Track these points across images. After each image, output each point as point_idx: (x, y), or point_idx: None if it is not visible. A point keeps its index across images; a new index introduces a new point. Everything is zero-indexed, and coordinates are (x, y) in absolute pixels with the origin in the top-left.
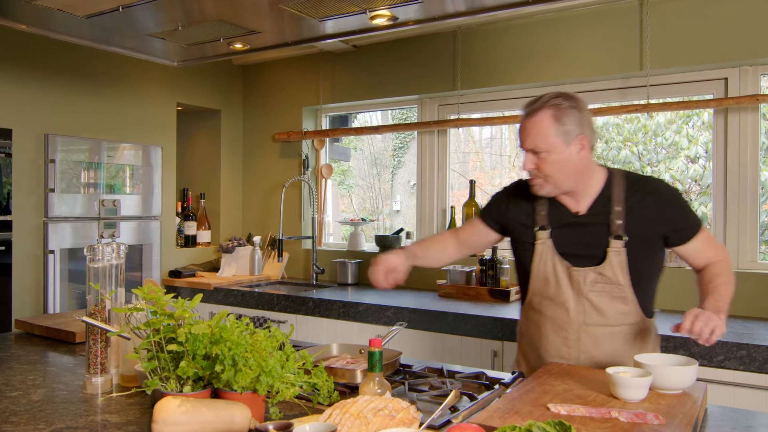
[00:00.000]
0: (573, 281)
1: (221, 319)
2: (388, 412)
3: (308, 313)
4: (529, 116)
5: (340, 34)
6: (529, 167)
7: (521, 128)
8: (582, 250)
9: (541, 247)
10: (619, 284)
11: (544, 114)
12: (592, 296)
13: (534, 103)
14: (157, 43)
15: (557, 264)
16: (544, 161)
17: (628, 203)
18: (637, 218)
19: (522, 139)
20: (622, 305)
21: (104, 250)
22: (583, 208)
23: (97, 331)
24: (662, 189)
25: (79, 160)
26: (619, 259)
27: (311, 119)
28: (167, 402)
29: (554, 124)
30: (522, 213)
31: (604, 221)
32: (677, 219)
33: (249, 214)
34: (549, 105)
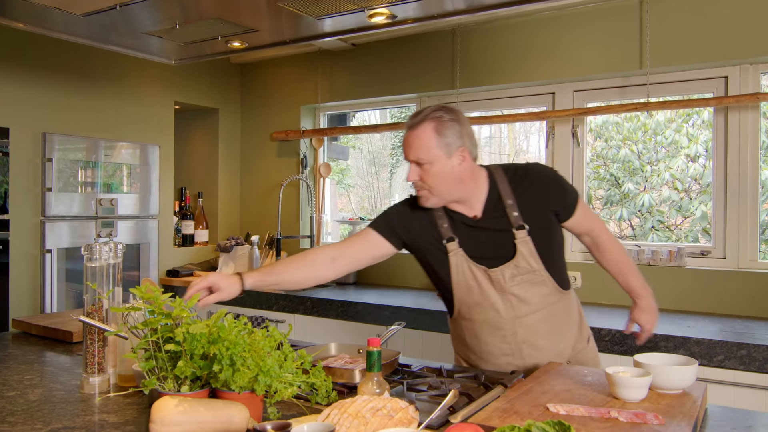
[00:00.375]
0: (494, 282)
1: (219, 318)
2: (387, 412)
3: (306, 312)
4: (412, 129)
5: (338, 33)
6: (412, 178)
7: (405, 141)
8: (491, 250)
9: (455, 257)
10: (534, 271)
11: (426, 127)
12: (515, 290)
13: (416, 116)
14: (155, 42)
15: (474, 270)
16: (427, 173)
17: (516, 194)
18: (530, 204)
19: (406, 152)
20: (543, 288)
21: (101, 250)
22: (478, 212)
23: (95, 330)
24: (542, 171)
25: (76, 159)
26: (527, 248)
27: (309, 118)
28: (165, 402)
29: (436, 136)
30: (426, 227)
31: (502, 218)
32: (562, 195)
33: (247, 213)
34: (430, 118)
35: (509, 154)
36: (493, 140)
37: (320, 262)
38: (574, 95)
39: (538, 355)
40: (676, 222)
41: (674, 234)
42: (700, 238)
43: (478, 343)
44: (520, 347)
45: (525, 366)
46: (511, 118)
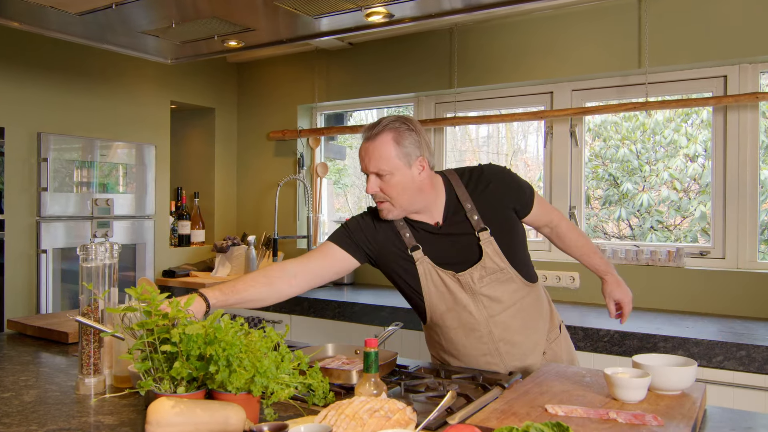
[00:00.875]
0: (464, 285)
1: (215, 319)
2: (384, 414)
3: (303, 313)
4: (370, 140)
5: (335, 32)
6: (373, 190)
7: (363, 152)
8: (457, 255)
9: (422, 266)
10: (501, 270)
11: (385, 137)
12: (485, 290)
13: (374, 127)
14: (151, 41)
15: (443, 275)
16: (387, 183)
17: (474, 197)
18: (488, 206)
19: (364, 163)
20: (511, 284)
21: (97, 250)
22: (439, 219)
23: (91, 331)
24: (496, 171)
25: (71, 159)
26: (492, 248)
27: (306, 117)
28: (161, 403)
29: (395, 146)
30: (390, 238)
31: (463, 222)
32: (518, 193)
33: (243, 213)
34: (389, 128)
35: (507, 153)
36: (491, 140)
37: (282, 279)
38: (573, 95)
39: (515, 350)
40: (675, 222)
41: (673, 234)
42: (699, 238)
43: (456, 347)
44: (497, 345)
45: (504, 364)
46: (509, 118)
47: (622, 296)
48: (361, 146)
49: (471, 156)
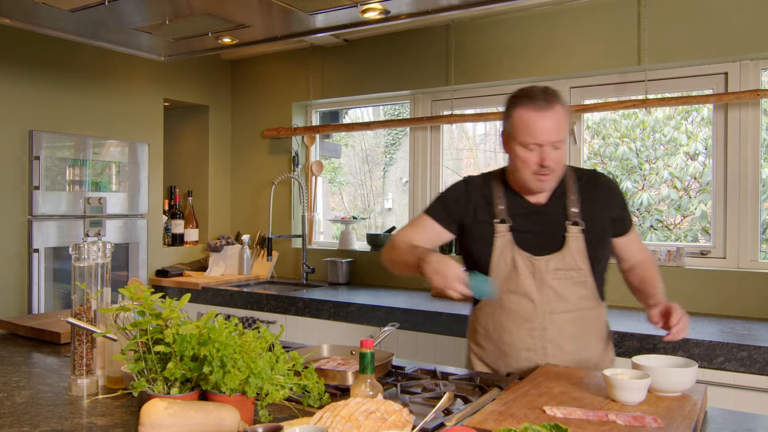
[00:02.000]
0: (535, 271)
1: (209, 319)
2: (380, 415)
3: (298, 313)
4: (546, 109)
5: (330, 28)
6: (548, 162)
7: (538, 121)
8: (540, 239)
9: (501, 240)
10: (579, 269)
11: (559, 105)
12: (554, 284)
13: (544, 94)
14: (144, 38)
15: (517, 256)
16: (558, 153)
17: (581, 192)
18: (591, 205)
19: (544, 134)
20: (582, 290)
21: (90, 249)
22: (543, 199)
23: (83, 331)
24: (608, 179)
25: (64, 157)
26: (577, 244)
27: (301, 115)
28: (154, 404)
29: (565, 115)
30: (480, 207)
31: (561, 210)
32: (622, 208)
33: (238, 212)
34: (557, 96)
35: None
36: (488, 138)
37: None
38: (571, 92)
39: (561, 357)
40: (675, 221)
41: (673, 233)
42: (700, 237)
43: (501, 333)
44: (545, 345)
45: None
46: None
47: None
48: (533, 114)
49: (468, 154)
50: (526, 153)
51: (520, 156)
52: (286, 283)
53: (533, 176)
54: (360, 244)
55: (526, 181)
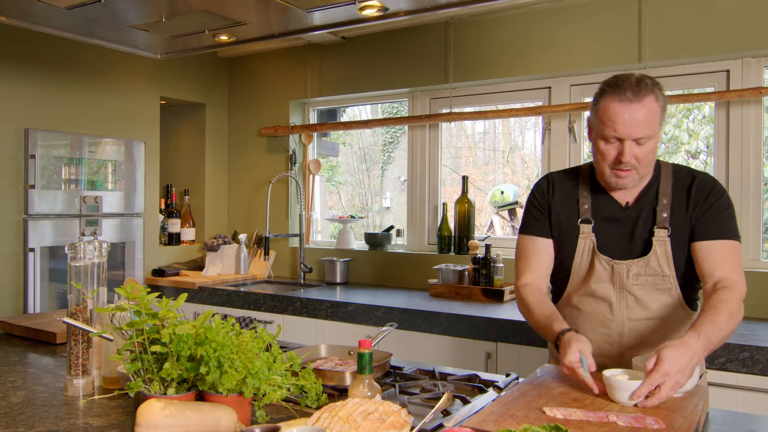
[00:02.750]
0: (615, 275)
1: (206, 319)
2: (378, 416)
3: (296, 313)
4: (633, 101)
5: (328, 26)
6: (627, 158)
7: (621, 113)
8: (624, 242)
9: (583, 241)
10: (664, 275)
11: (652, 97)
12: (635, 290)
13: (635, 85)
14: (140, 35)
15: (596, 260)
16: (642, 149)
17: (675, 193)
18: (679, 208)
19: (624, 127)
20: (666, 297)
21: (86, 249)
22: (630, 199)
23: (79, 331)
24: (708, 181)
25: (59, 156)
26: (664, 249)
27: (298, 113)
28: (150, 405)
29: (659, 108)
30: (564, 205)
31: (650, 212)
32: (708, 209)
33: (234, 211)
34: (652, 86)
35: (504, 150)
36: (487, 136)
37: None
38: (571, 90)
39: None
40: None
41: None
42: None
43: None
44: (622, 353)
45: None
46: (506, 114)
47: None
48: (617, 105)
49: (467, 152)
50: (605, 146)
51: (599, 148)
52: (283, 283)
53: (611, 171)
54: (358, 243)
55: (604, 176)
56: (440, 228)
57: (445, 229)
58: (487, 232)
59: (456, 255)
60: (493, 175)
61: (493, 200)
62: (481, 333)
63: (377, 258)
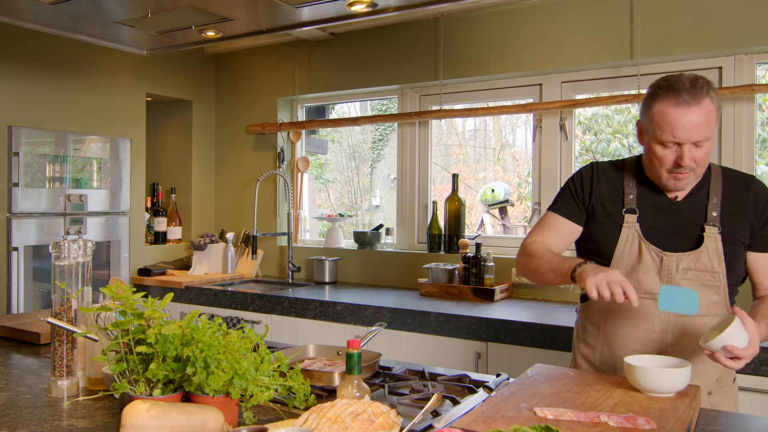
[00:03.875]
0: (663, 268)
1: (193, 319)
2: (367, 417)
3: (283, 313)
4: (692, 104)
5: (316, 22)
6: (687, 162)
7: (679, 117)
8: (671, 237)
9: (628, 230)
10: (713, 272)
11: (708, 99)
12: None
13: (691, 87)
14: (126, 31)
15: (644, 249)
16: (700, 151)
17: (725, 195)
18: (733, 211)
19: (685, 132)
20: (714, 295)
21: (70, 247)
22: (680, 195)
23: (63, 332)
24: (762, 187)
25: (44, 153)
26: (715, 246)
27: (287, 110)
28: (136, 406)
29: (716, 110)
30: (608, 194)
31: (700, 210)
32: (767, 221)
33: (222, 209)
34: (709, 89)
35: (494, 147)
36: (478, 133)
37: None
38: (562, 86)
39: None
40: None
41: None
42: None
43: (615, 333)
44: (664, 350)
45: None
46: (496, 111)
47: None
48: (675, 109)
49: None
50: (663, 151)
51: (656, 153)
52: (271, 282)
53: (669, 175)
54: (347, 242)
55: (661, 179)
56: (430, 226)
57: (435, 228)
58: (477, 231)
59: (446, 254)
60: (484, 173)
61: (484, 198)
62: (472, 333)
63: (366, 257)
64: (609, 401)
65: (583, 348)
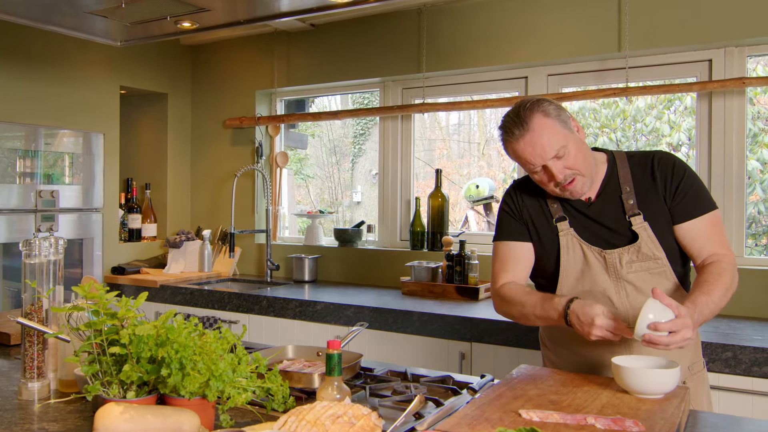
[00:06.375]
0: (608, 266)
1: (168, 319)
2: (348, 419)
3: (262, 312)
4: (525, 132)
5: (296, 12)
6: (563, 174)
7: (523, 149)
8: (604, 235)
9: (566, 238)
10: (657, 258)
11: (538, 116)
12: (632, 278)
13: (516, 118)
14: (99, 22)
15: (587, 251)
16: (568, 157)
17: (636, 180)
18: (646, 192)
19: (538, 156)
20: (664, 281)
21: (41, 245)
22: (592, 195)
23: (34, 332)
24: (665, 158)
25: (14, 148)
26: (647, 233)
27: (265, 104)
28: (109, 409)
29: (553, 119)
30: (535, 209)
31: (617, 203)
32: (677, 188)
33: (198, 205)
34: (531, 107)
35: (479, 142)
36: (461, 128)
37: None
38: (549, 80)
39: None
40: None
41: None
42: None
43: (580, 339)
44: (630, 346)
45: None
46: (481, 104)
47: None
48: (515, 145)
49: (441, 145)
50: (538, 176)
51: (535, 179)
52: (249, 281)
53: (559, 190)
54: (327, 239)
55: (557, 195)
56: (413, 223)
57: (417, 225)
58: (461, 228)
59: (429, 251)
60: (468, 169)
61: (468, 194)
62: (455, 333)
63: (347, 255)
64: (596, 403)
65: (550, 354)
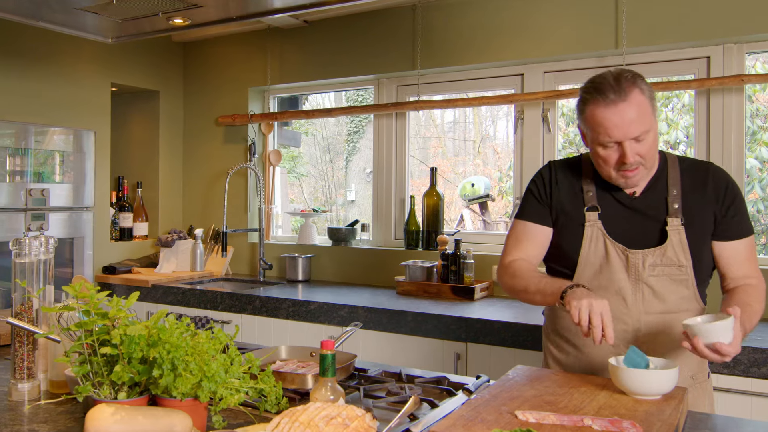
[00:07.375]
0: (630, 266)
1: (159, 319)
2: (342, 421)
3: (255, 312)
4: (619, 101)
5: (289, 8)
6: (633, 159)
7: (610, 117)
8: (634, 233)
9: (591, 229)
10: (681, 266)
11: (636, 91)
12: (651, 281)
13: (617, 84)
14: (90, 18)
15: (610, 247)
16: (644, 144)
17: (684, 185)
18: (694, 200)
19: (618, 130)
20: (684, 289)
21: (31, 244)
22: (638, 189)
23: (24, 332)
24: (720, 173)
25: (4, 146)
26: (679, 238)
27: (258, 101)
28: (100, 410)
29: (648, 101)
30: (567, 193)
31: (661, 203)
32: (729, 207)
33: (190, 204)
34: (633, 79)
35: (474, 140)
36: (457, 125)
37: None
38: (545, 77)
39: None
40: None
41: None
42: None
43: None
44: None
45: None
46: (476, 102)
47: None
48: (604, 110)
49: (436, 143)
50: (605, 151)
51: (599, 155)
52: (241, 281)
53: (618, 174)
54: (321, 238)
55: (611, 179)
56: (407, 222)
57: (412, 224)
58: (456, 227)
59: (424, 251)
60: (464, 167)
61: (463, 193)
62: (451, 333)
63: (341, 254)
64: (593, 404)
65: (554, 350)
